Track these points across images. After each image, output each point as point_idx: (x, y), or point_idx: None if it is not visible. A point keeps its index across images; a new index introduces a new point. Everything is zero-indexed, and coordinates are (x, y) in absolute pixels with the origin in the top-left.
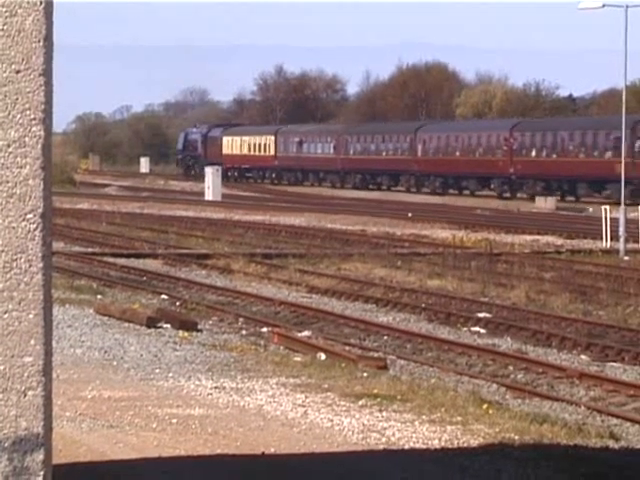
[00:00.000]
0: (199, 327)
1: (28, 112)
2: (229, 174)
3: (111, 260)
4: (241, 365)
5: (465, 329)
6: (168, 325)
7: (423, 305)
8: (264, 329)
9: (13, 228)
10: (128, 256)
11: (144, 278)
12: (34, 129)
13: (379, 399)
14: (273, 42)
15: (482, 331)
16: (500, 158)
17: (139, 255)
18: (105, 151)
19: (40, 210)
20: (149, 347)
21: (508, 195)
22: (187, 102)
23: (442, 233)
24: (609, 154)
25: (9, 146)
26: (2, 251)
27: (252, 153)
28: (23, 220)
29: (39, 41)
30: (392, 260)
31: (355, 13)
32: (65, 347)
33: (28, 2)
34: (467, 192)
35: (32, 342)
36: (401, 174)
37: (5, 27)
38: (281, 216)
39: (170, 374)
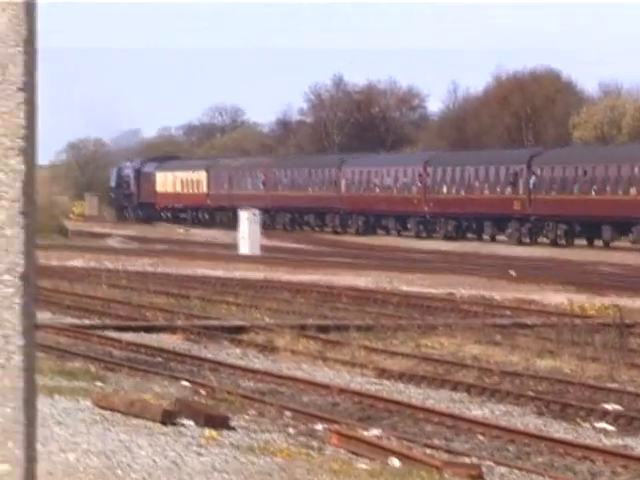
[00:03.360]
0: (231, 424)
1: (4, 139)
2: (162, 215)
3: (114, 335)
4: (288, 475)
5: (587, 425)
6: (190, 421)
7: (530, 393)
8: (318, 426)
9: None
10: (137, 329)
11: (158, 359)
12: (12, 162)
13: None
14: (327, 45)
15: (610, 428)
16: (415, 195)
17: (151, 328)
18: (106, 190)
19: (20, 269)
20: (165, 451)
21: (424, 235)
22: (215, 124)
23: (555, 297)
24: (509, 190)
25: None
26: None
27: (185, 191)
28: None
29: (17, 45)
30: (489, 334)
31: (436, 10)
32: (54, 451)
33: None
34: (594, 243)
35: (9, 445)
36: (327, 213)
37: None
38: (341, 275)
39: None
